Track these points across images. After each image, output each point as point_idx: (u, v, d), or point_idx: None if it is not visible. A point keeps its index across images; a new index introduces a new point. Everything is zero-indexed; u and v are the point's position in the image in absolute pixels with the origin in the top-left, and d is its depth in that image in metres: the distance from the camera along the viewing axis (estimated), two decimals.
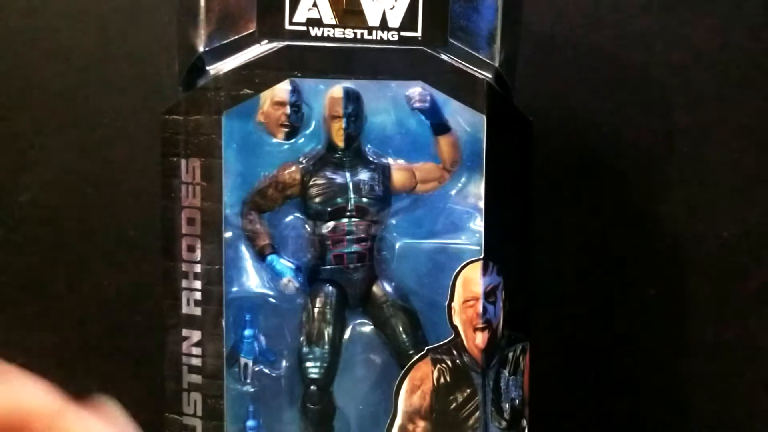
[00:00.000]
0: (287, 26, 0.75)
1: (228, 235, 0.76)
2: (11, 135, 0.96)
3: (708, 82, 0.99)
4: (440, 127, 0.77)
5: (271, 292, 0.78)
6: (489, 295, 0.78)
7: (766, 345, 1.02)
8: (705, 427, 1.02)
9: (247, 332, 0.77)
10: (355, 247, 0.78)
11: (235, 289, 0.77)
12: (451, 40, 0.77)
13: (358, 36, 0.75)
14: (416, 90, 0.76)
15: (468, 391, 0.79)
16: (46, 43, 0.96)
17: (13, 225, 0.96)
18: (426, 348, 0.78)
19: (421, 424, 0.78)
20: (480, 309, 0.77)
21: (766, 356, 1.02)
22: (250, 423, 0.78)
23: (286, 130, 0.77)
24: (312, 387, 0.78)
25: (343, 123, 0.77)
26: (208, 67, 0.76)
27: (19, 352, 0.95)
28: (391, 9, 0.75)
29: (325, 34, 0.75)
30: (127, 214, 0.96)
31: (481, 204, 0.77)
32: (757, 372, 1.02)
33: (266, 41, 0.75)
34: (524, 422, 0.82)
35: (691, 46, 0.98)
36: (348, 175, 0.78)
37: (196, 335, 0.77)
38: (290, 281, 0.77)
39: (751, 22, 0.98)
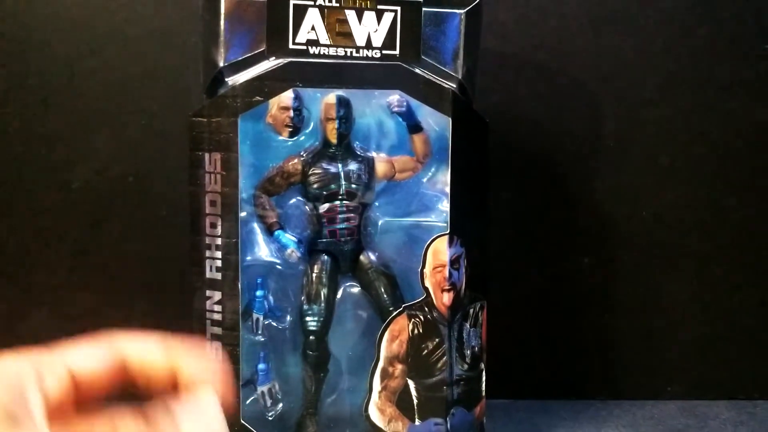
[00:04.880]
0: (291, 46, 0.76)
1: (243, 214, 0.77)
2: (67, 134, 0.96)
3: (630, 90, 1.00)
4: (414, 127, 0.78)
5: (277, 261, 0.79)
6: (454, 262, 0.79)
7: (677, 304, 1.03)
8: (625, 367, 1.03)
9: (259, 293, 0.79)
10: (345, 224, 0.79)
11: (248, 258, 0.78)
12: (423, 57, 0.78)
13: (348, 53, 0.76)
14: (395, 97, 0.78)
15: (437, 340, 0.80)
16: (95, 59, 0.96)
17: (67, 206, 0.97)
18: (403, 305, 0.80)
19: (399, 366, 0.80)
20: (447, 274, 0.79)
21: (677, 314, 1.03)
22: (261, 366, 0.80)
23: (290, 129, 0.78)
24: (311, 337, 0.80)
25: (336, 124, 0.78)
26: (226, 79, 0.77)
27: (70, 307, 0.96)
28: (375, 32, 0.76)
29: (322, 52, 0.76)
30: (161, 197, 0.96)
31: (447, 189, 0.79)
32: (669, 325, 1.03)
33: (274, 58, 0.76)
34: (482, 365, 0.84)
35: (617, 61, 0.99)
36: (340, 166, 0.79)
37: (217, 295, 0.78)
38: (293, 252, 0.78)
39: (667, 41, 0.99)
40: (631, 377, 1.03)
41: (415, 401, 0.80)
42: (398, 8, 0.76)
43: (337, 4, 0.76)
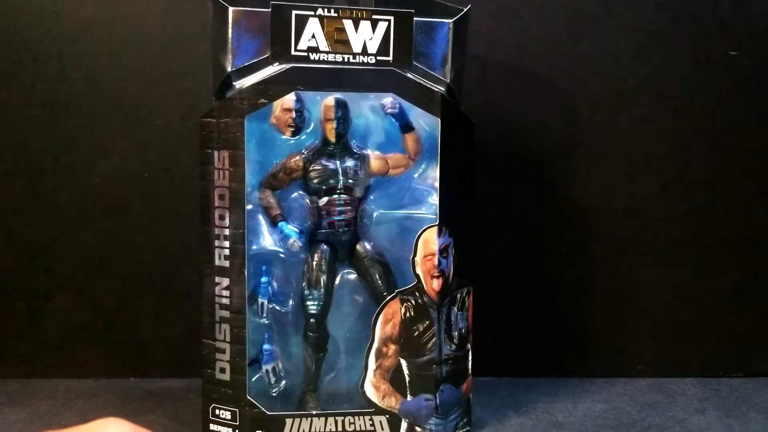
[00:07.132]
0: (293, 52, 0.77)
1: (249, 207, 0.78)
2: (88, 134, 0.96)
3: (604, 93, 1.01)
4: (406, 127, 0.79)
5: (281, 250, 0.80)
6: (443, 251, 0.80)
7: (647, 289, 1.04)
8: (600, 348, 1.04)
9: (263, 279, 0.80)
10: (343, 216, 0.80)
11: (254, 247, 0.79)
12: (414, 62, 0.78)
13: (346, 59, 0.77)
14: (388, 99, 0.78)
15: (427, 322, 0.80)
16: (114, 64, 0.96)
17: (89, 200, 0.97)
18: (396, 291, 0.81)
19: (392, 347, 0.80)
20: (436, 262, 0.80)
21: (647, 298, 1.04)
22: (266, 346, 0.80)
23: (292, 129, 0.78)
24: (311, 320, 0.81)
25: (334, 124, 0.78)
26: (234, 83, 0.77)
27: (90, 291, 0.97)
28: (370, 40, 0.77)
29: (321, 58, 0.77)
30: (174, 191, 0.97)
31: (437, 184, 0.79)
32: (639, 308, 1.04)
33: (277, 63, 0.76)
34: (468, 345, 0.84)
35: (591, 67, 1.00)
36: (338, 162, 0.79)
37: (225, 281, 0.78)
38: (295, 241, 0.79)
39: (638, 48, 1.00)
40: (604, 356, 1.04)
41: (407, 379, 0.81)
42: (392, 18, 0.77)
43: (336, 14, 0.76)
